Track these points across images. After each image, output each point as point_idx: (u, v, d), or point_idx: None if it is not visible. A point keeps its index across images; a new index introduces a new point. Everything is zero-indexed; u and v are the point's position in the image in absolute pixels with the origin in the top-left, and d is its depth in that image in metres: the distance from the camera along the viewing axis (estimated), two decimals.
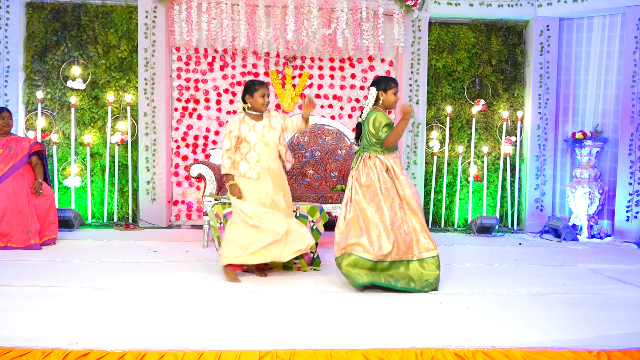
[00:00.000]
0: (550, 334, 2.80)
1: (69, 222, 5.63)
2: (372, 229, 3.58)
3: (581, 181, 6.09)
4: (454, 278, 3.99)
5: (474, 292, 3.64)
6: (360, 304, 3.31)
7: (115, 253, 4.63)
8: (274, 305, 3.23)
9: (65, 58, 6.11)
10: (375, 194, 3.62)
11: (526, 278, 4.07)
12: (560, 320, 3.05)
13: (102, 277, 3.81)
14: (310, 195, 5.07)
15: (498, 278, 4.06)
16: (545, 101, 6.44)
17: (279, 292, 3.53)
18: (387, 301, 3.36)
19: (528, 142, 6.49)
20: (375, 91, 3.73)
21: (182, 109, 6.26)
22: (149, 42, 6.04)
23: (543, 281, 3.98)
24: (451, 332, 2.82)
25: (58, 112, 6.15)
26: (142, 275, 3.90)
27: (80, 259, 4.40)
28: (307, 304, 3.29)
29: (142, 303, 3.22)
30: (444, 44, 6.48)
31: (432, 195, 6.48)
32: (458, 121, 6.54)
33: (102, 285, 3.59)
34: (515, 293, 3.64)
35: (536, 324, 2.98)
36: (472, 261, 4.69)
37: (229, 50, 6.20)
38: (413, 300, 3.38)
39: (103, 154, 6.19)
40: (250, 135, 3.79)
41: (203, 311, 3.09)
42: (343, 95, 6.39)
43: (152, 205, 6.12)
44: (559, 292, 3.68)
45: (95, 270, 4.01)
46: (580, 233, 6.08)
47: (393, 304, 3.28)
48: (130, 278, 3.80)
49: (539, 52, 6.40)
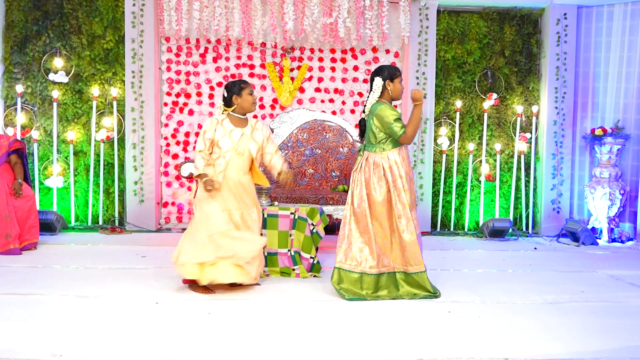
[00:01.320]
0: (567, 345, 2.80)
1: (50, 226, 5.63)
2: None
3: (601, 181, 6.09)
4: (464, 285, 3.99)
5: (485, 300, 3.64)
6: (363, 313, 3.31)
7: (101, 258, 4.63)
8: (270, 315, 3.24)
9: (47, 49, 6.11)
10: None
11: (542, 285, 4.07)
12: (578, 330, 3.06)
13: (87, 284, 3.81)
14: (309, 197, 5.07)
15: (512, 285, 4.06)
16: (563, 95, 6.43)
17: (276, 301, 3.53)
18: (391, 310, 3.36)
19: (544, 139, 6.49)
20: (381, 81, 3.61)
21: (172, 104, 6.27)
22: (136, 32, 6.04)
23: (560, 289, 3.98)
24: (461, 342, 2.82)
25: (39, 107, 6.15)
26: (129, 282, 3.90)
27: (63, 264, 4.39)
28: (305, 313, 3.29)
29: (130, 312, 3.22)
30: (453, 33, 6.47)
31: (440, 196, 6.48)
32: (469, 117, 6.54)
33: (86, 293, 3.59)
34: (530, 301, 3.64)
35: (552, 334, 2.98)
36: (484, 267, 4.69)
37: (222, 40, 6.20)
38: (420, 309, 3.39)
39: (87, 152, 6.19)
40: (223, 141, 3.68)
41: (195, 321, 3.09)
42: (345, 89, 6.39)
43: (140, 207, 6.13)
44: (577, 301, 3.69)
45: (79, 277, 4.01)
46: (600, 237, 6.08)
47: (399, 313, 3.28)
48: (117, 285, 3.80)
49: (556, 43, 6.40)
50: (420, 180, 6.31)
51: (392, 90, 3.65)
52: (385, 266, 3.60)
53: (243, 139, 3.72)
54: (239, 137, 3.71)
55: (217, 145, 3.69)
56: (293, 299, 3.59)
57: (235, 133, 3.72)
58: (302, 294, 3.71)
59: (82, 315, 3.15)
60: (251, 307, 3.40)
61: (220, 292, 3.67)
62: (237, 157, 3.70)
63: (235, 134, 3.71)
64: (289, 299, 3.59)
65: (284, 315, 3.24)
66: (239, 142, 3.71)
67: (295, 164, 5.83)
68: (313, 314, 3.27)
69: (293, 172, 4.15)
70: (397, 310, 3.36)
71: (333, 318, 3.21)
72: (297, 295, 3.66)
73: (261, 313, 3.27)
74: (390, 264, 3.62)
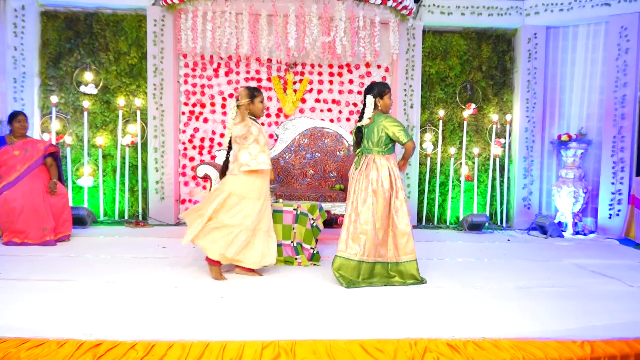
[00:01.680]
0: (537, 325, 2.81)
1: (82, 220, 5.63)
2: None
3: (566, 181, 6.10)
4: (446, 272, 4.00)
5: (465, 285, 3.65)
6: (358, 297, 3.31)
7: (126, 249, 4.63)
8: (277, 299, 3.24)
9: (78, 64, 6.11)
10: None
11: (514, 272, 4.08)
12: (546, 312, 3.06)
13: (114, 271, 3.81)
14: (310, 194, 5.07)
15: (488, 272, 4.07)
16: (533, 105, 6.44)
17: (281, 286, 3.54)
18: (383, 295, 3.36)
19: (516, 144, 6.50)
20: (372, 98, 3.68)
21: (189, 113, 6.27)
22: (157, 49, 6.05)
23: (530, 275, 3.98)
24: (443, 323, 2.83)
25: (72, 116, 6.15)
26: (151, 269, 3.91)
27: (93, 254, 4.40)
28: (308, 297, 3.30)
29: (152, 296, 3.22)
30: (437, 51, 6.48)
31: (425, 194, 6.49)
32: (450, 124, 6.55)
33: (114, 279, 3.59)
34: (504, 286, 3.64)
35: (524, 315, 2.98)
36: (463, 256, 4.69)
37: (233, 57, 6.20)
38: (407, 294, 3.39)
39: (114, 155, 6.19)
40: (262, 137, 3.68)
41: (209, 303, 3.09)
42: (341, 100, 6.39)
43: (161, 203, 6.13)
44: (545, 286, 3.69)
45: (107, 265, 4.01)
46: (566, 230, 6.09)
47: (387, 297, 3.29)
48: (141, 272, 3.81)
49: (527, 59, 6.41)
50: (407, 180, 6.32)
51: (382, 105, 3.71)
52: (380, 256, 3.62)
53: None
54: (265, 131, 3.83)
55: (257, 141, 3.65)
56: (296, 284, 3.59)
57: (263, 129, 3.78)
58: (304, 280, 3.71)
59: (110, 298, 3.15)
60: (259, 291, 3.40)
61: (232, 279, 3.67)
62: (267, 148, 3.74)
63: (263, 130, 3.79)
64: (292, 284, 3.59)
65: (288, 299, 3.24)
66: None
67: (297, 165, 5.83)
68: (313, 298, 3.27)
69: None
70: (387, 294, 3.37)
71: (331, 301, 3.21)
72: (299, 282, 3.66)
73: (268, 296, 3.27)
74: (386, 255, 3.64)
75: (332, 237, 5.19)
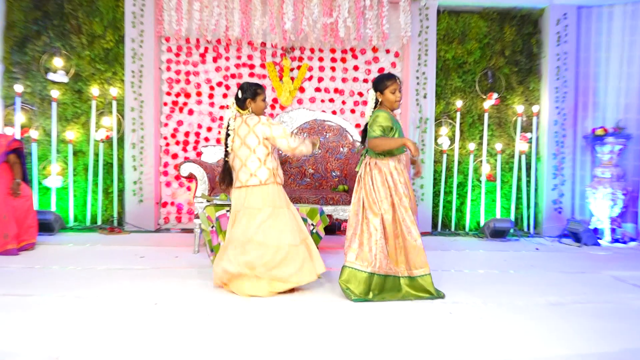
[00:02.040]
0: (570, 348, 2.77)
1: (49, 226, 5.60)
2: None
3: (602, 181, 6.07)
4: (465, 286, 3.97)
5: (487, 301, 3.62)
6: (363, 314, 3.28)
7: (99, 259, 4.60)
8: (271, 316, 3.20)
9: (47, 49, 6.09)
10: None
11: (544, 286, 4.05)
12: (581, 332, 3.03)
13: (85, 285, 3.78)
14: (309, 197, 5.04)
15: (513, 286, 4.04)
16: (563, 95, 6.41)
17: (276, 301, 3.50)
18: (391, 311, 3.33)
19: (545, 139, 6.47)
20: (373, 93, 3.68)
21: (171, 104, 6.24)
22: (136, 31, 6.02)
23: (562, 290, 3.95)
24: (462, 345, 2.79)
25: (38, 107, 6.13)
26: (128, 283, 3.88)
27: (61, 265, 4.37)
28: (306, 314, 3.26)
29: (128, 314, 3.19)
30: (453, 33, 6.45)
31: (441, 196, 6.45)
32: (469, 116, 6.52)
33: (84, 294, 3.56)
34: (532, 303, 3.61)
35: (555, 336, 2.95)
36: (485, 268, 4.66)
37: (222, 40, 6.17)
38: (421, 311, 3.36)
39: (86, 152, 6.16)
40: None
41: (194, 322, 3.06)
42: (345, 89, 6.36)
43: (139, 207, 6.10)
44: (579, 302, 3.66)
45: (77, 278, 3.98)
46: (602, 237, 6.06)
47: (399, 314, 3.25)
48: (115, 286, 3.78)
49: (556, 43, 6.38)
50: (420, 181, 6.28)
51: (384, 101, 3.67)
52: (391, 269, 3.60)
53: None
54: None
55: (273, 144, 3.70)
56: (294, 299, 3.56)
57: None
58: (303, 294, 3.68)
59: (80, 316, 3.11)
60: (251, 308, 3.36)
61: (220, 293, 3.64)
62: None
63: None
64: (290, 299, 3.56)
65: (285, 316, 3.20)
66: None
67: (295, 164, 5.80)
68: (315, 314, 3.24)
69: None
70: (399, 311, 3.33)
71: (335, 318, 3.18)
72: (297, 296, 3.63)
73: (262, 314, 3.24)
74: (395, 268, 3.61)
75: (334, 245, 5.16)
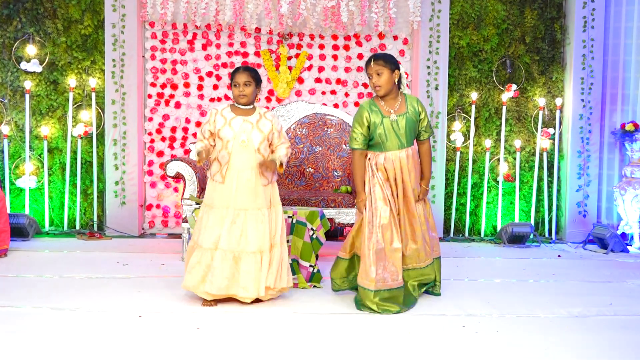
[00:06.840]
0: None
1: (22, 231, 5.62)
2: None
3: (632, 181, 6.08)
4: (480, 297, 3.98)
5: (503, 313, 3.64)
6: (368, 327, 3.30)
7: (78, 267, 4.62)
8: (266, 330, 3.23)
9: (19, 35, 6.10)
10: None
11: (566, 297, 4.06)
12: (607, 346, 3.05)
13: (62, 295, 3.80)
14: (309, 199, 5.07)
15: (532, 297, 4.06)
16: (590, 86, 6.42)
17: (272, 314, 3.52)
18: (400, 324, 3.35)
19: (569, 135, 6.48)
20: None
21: (157, 96, 6.26)
22: (117, 15, 6.04)
23: (586, 301, 3.97)
24: None
25: (10, 100, 6.14)
26: (109, 293, 3.90)
27: (36, 273, 4.38)
28: (305, 328, 3.28)
29: (110, 326, 3.21)
30: (468, 18, 6.46)
31: (454, 198, 6.47)
32: (485, 110, 6.53)
33: (62, 305, 3.58)
34: (554, 315, 3.63)
35: (578, 351, 2.97)
36: (502, 277, 4.68)
37: (212, 26, 6.19)
38: (433, 322, 3.38)
39: (63, 150, 6.18)
40: (224, 131, 3.72)
41: (182, 336, 3.08)
42: (348, 80, 6.38)
43: (122, 210, 6.12)
44: (605, 314, 3.68)
45: (53, 288, 4.00)
46: (631, 243, 6.07)
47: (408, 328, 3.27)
48: (96, 297, 3.79)
49: (582, 28, 6.38)
50: (431, 181, 6.29)
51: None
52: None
53: (246, 126, 3.73)
54: (240, 124, 3.73)
55: (218, 137, 3.74)
56: (290, 311, 3.58)
57: (236, 121, 3.74)
58: (301, 306, 3.70)
59: (57, 329, 3.13)
60: (243, 321, 3.39)
61: None
62: (240, 148, 3.70)
63: (236, 122, 3.74)
64: (286, 311, 3.58)
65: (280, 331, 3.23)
66: (242, 129, 3.71)
67: (293, 162, 5.82)
68: (313, 329, 3.26)
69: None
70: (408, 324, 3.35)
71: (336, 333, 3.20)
72: (295, 308, 3.65)
73: (254, 328, 3.26)
74: None
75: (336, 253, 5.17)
